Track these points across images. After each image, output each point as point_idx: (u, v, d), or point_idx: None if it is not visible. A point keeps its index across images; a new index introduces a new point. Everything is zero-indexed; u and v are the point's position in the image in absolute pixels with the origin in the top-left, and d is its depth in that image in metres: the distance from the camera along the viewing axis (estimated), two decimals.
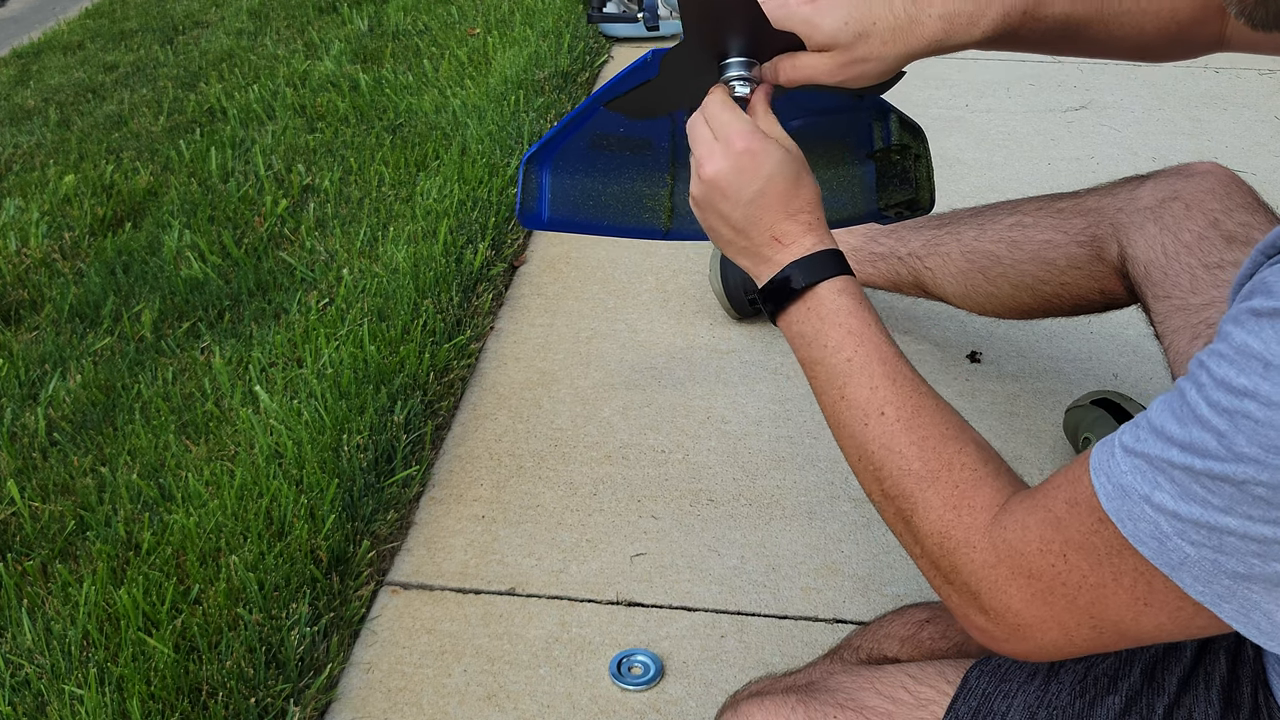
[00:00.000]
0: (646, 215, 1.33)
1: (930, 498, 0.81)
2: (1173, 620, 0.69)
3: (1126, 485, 0.67)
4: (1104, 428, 1.49)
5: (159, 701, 1.26)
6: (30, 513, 1.57)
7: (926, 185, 1.23)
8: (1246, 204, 1.28)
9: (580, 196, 1.30)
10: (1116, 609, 0.70)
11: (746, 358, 1.85)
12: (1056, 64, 2.96)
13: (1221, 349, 0.64)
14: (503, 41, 3.10)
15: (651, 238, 1.35)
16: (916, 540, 0.82)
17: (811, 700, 0.87)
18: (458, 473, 1.62)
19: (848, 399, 0.88)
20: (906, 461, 0.83)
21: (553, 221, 1.30)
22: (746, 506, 1.55)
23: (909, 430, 0.84)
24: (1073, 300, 1.44)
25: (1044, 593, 0.73)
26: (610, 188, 1.30)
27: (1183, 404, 0.65)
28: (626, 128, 1.25)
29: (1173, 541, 0.65)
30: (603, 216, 1.32)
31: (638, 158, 1.30)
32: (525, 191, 1.28)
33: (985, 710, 0.84)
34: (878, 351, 0.88)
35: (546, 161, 1.27)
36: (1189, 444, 0.64)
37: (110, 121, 2.99)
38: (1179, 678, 0.82)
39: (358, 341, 1.80)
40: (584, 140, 1.26)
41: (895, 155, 1.23)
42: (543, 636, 1.36)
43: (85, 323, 2.03)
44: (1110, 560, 0.69)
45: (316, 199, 2.36)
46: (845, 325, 0.90)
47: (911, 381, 0.87)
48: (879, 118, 1.23)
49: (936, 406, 0.85)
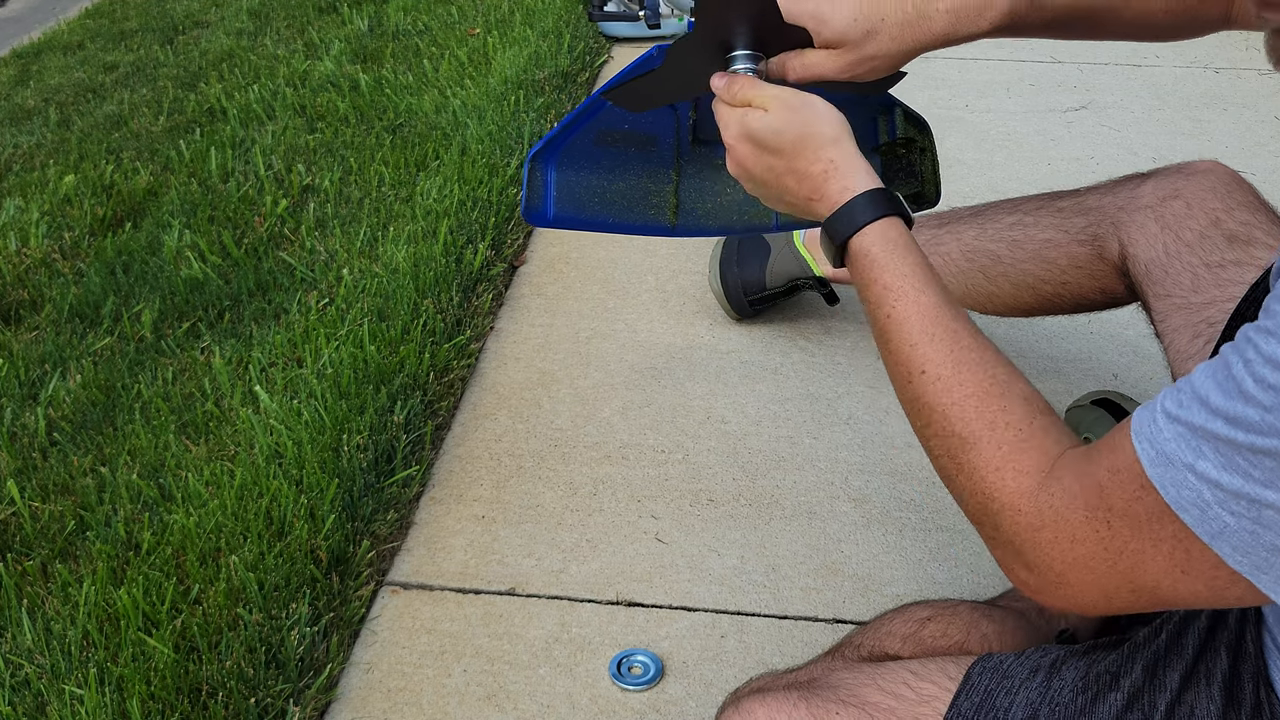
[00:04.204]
0: (652, 212, 1.32)
1: (974, 460, 0.80)
2: (1209, 588, 0.69)
3: (1170, 452, 0.67)
4: (1104, 428, 1.49)
5: (159, 701, 1.25)
6: (30, 513, 1.57)
7: (932, 179, 1.23)
8: (1248, 203, 1.28)
9: (585, 193, 1.29)
10: (1155, 574, 0.70)
11: (746, 358, 1.85)
12: (1056, 64, 2.96)
13: (1269, 325, 0.64)
14: (503, 41, 3.10)
15: (657, 234, 1.35)
16: (961, 498, 0.81)
17: (814, 697, 0.87)
18: (458, 473, 1.62)
19: (891, 355, 0.87)
20: (949, 423, 0.82)
21: (558, 219, 1.29)
22: (746, 506, 1.55)
23: (949, 390, 0.82)
24: (1073, 299, 1.44)
25: (1086, 558, 0.73)
26: (615, 184, 1.30)
27: (1228, 376, 0.65)
28: (631, 123, 1.25)
29: (1214, 510, 0.65)
30: (608, 213, 1.31)
31: (643, 154, 1.29)
32: (530, 189, 1.27)
33: (988, 706, 0.84)
34: (915, 305, 0.86)
35: (551, 158, 1.27)
36: (1233, 417, 0.64)
37: (110, 121, 2.99)
38: (1180, 674, 0.82)
39: (358, 341, 1.80)
40: (589, 137, 1.26)
41: (901, 149, 1.23)
42: (543, 636, 1.36)
43: (85, 323, 2.03)
44: (1151, 526, 0.69)
45: (316, 199, 2.36)
46: (881, 280, 0.88)
47: (951, 335, 0.84)
48: (884, 111, 1.23)
49: (980, 360, 0.83)
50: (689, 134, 1.29)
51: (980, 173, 2.40)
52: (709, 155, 1.31)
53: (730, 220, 1.34)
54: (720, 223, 1.34)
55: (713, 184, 1.33)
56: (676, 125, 1.29)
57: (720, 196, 1.33)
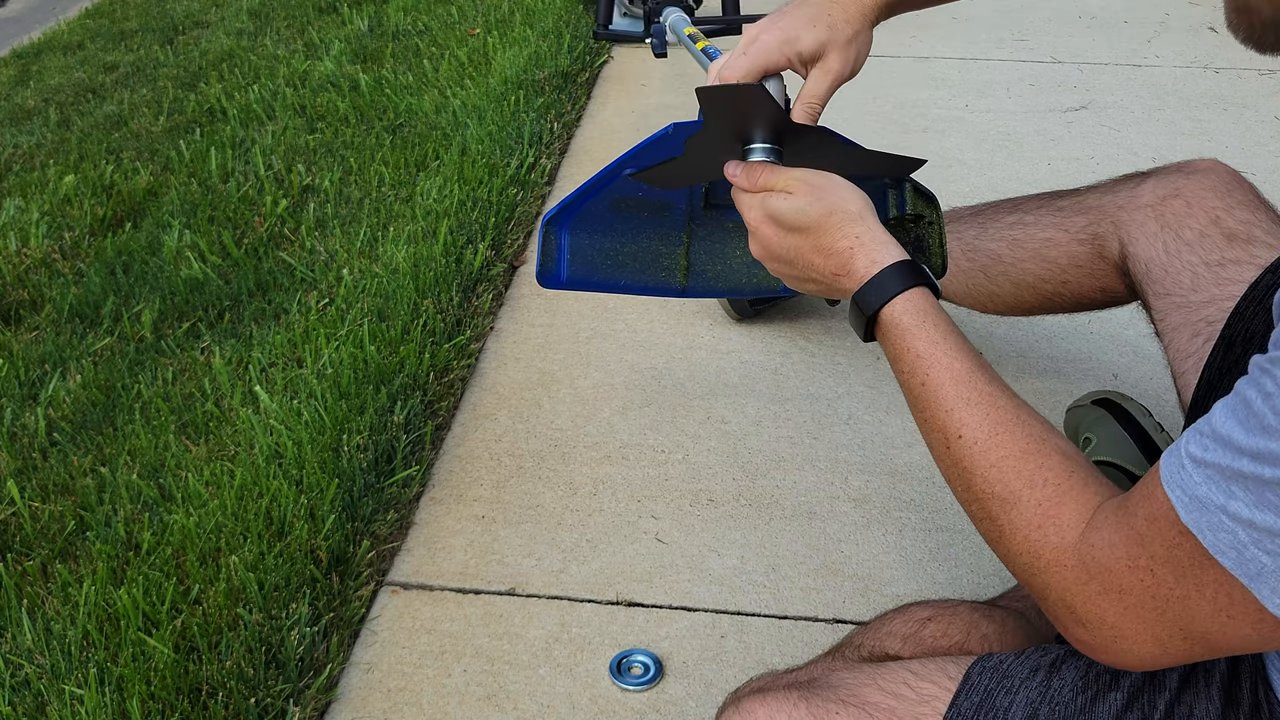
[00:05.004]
0: (663, 274, 1.35)
1: (1015, 519, 0.80)
2: (1256, 631, 0.68)
3: (1202, 496, 0.66)
4: (1104, 428, 1.49)
5: (159, 701, 1.25)
6: (30, 513, 1.57)
7: (939, 252, 1.24)
8: (1247, 201, 1.28)
9: (598, 256, 1.32)
10: (1203, 621, 0.69)
11: (746, 358, 1.85)
12: (1056, 64, 2.96)
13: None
14: (503, 41, 3.10)
15: (668, 295, 1.37)
16: (1009, 559, 0.82)
17: (814, 696, 0.87)
18: (458, 473, 1.62)
19: (928, 423, 0.88)
20: (989, 484, 0.82)
21: (571, 281, 1.32)
22: (746, 506, 1.55)
23: (986, 453, 0.83)
24: (1074, 298, 1.44)
25: (1136, 607, 0.72)
26: (628, 247, 1.33)
27: (1249, 413, 0.64)
28: (646, 191, 1.28)
29: (1250, 551, 0.65)
30: (620, 275, 1.34)
31: (656, 219, 1.32)
32: (544, 253, 1.30)
33: (988, 706, 0.84)
34: (949, 371, 0.87)
35: (566, 223, 1.29)
36: (1258, 453, 0.63)
37: (110, 121, 2.99)
38: (1180, 674, 0.82)
39: (358, 342, 1.80)
40: (604, 203, 1.29)
41: (910, 223, 1.24)
42: (543, 636, 1.36)
43: (85, 323, 2.03)
44: (1193, 572, 0.68)
45: (316, 199, 2.36)
46: (914, 349, 0.89)
47: (987, 399, 0.85)
48: (894, 185, 1.25)
49: (1016, 420, 0.84)
50: (701, 199, 1.32)
51: (980, 173, 2.40)
52: (720, 219, 1.34)
53: (740, 282, 1.37)
54: (729, 284, 1.37)
55: (723, 246, 1.36)
56: (689, 191, 1.32)
57: (730, 259, 1.36)
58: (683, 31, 1.55)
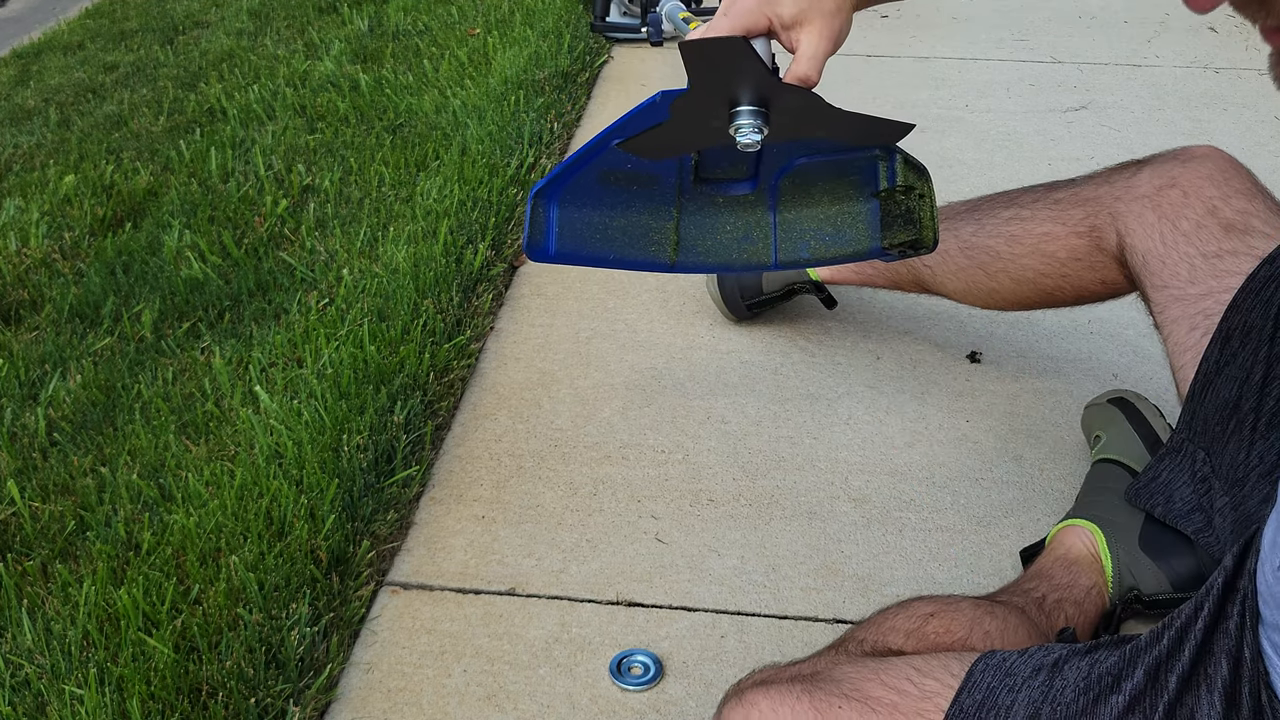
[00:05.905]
0: (653, 249, 1.35)
1: None
2: None
3: None
4: (1118, 428, 1.48)
5: (159, 702, 1.25)
6: (30, 513, 1.57)
7: (930, 225, 1.24)
8: (1245, 189, 1.27)
9: (587, 230, 1.31)
10: None
11: (746, 358, 1.85)
12: (1056, 64, 2.96)
13: None
14: (503, 41, 3.10)
15: (657, 270, 1.37)
16: None
17: (817, 690, 0.87)
18: (458, 473, 1.62)
19: None
20: None
21: (559, 254, 1.31)
22: (746, 506, 1.55)
23: None
24: (1075, 291, 1.43)
25: None
26: (617, 221, 1.32)
27: None
28: (634, 163, 1.27)
29: None
30: (609, 249, 1.33)
31: (645, 192, 1.31)
32: (533, 225, 1.29)
33: (990, 703, 0.84)
34: None
35: (554, 195, 1.29)
36: None
37: (110, 121, 2.99)
38: (1181, 678, 0.82)
39: (358, 342, 1.80)
40: (592, 175, 1.28)
41: (900, 195, 1.24)
42: (543, 636, 1.36)
43: (85, 323, 2.03)
44: None
45: (316, 199, 2.36)
46: None
47: None
48: (884, 158, 1.24)
49: None
50: (691, 173, 1.31)
51: (980, 173, 2.40)
52: (710, 194, 1.33)
53: (729, 257, 1.37)
54: (719, 260, 1.37)
55: (713, 221, 1.35)
56: (679, 165, 1.30)
57: (720, 234, 1.35)
58: (678, 17, 1.55)
